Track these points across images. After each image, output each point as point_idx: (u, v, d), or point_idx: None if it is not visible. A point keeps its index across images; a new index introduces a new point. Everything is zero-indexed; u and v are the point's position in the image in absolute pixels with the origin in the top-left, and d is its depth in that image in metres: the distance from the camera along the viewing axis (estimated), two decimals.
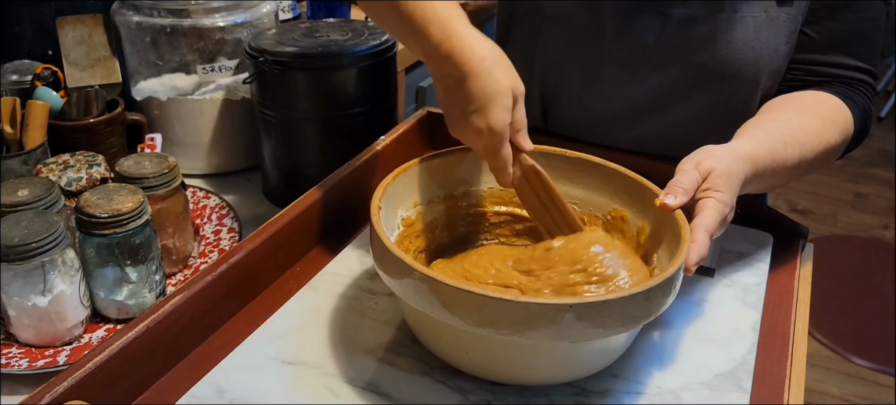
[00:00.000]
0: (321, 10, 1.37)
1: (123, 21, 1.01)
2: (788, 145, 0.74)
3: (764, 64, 0.84)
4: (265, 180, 1.02)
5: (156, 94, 1.02)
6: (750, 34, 0.83)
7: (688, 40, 0.85)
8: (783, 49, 0.84)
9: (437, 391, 0.61)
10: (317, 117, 0.93)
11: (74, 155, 0.84)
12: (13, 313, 0.70)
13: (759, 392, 0.63)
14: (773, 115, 0.80)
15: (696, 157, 0.68)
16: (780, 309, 0.73)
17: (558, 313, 0.53)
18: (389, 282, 0.60)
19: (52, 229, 0.68)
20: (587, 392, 0.62)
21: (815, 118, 0.79)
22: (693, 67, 0.86)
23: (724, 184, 0.65)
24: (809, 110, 0.80)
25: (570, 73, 0.92)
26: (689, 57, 0.85)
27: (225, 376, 0.62)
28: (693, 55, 0.85)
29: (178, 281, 0.83)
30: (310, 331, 0.67)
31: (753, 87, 0.85)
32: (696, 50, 0.85)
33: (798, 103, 0.82)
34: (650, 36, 0.86)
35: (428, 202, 0.74)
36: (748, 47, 0.83)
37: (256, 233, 0.73)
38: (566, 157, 0.75)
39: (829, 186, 3.09)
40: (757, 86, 0.85)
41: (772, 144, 0.73)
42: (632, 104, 0.91)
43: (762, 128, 0.76)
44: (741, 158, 0.69)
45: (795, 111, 0.80)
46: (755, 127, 0.77)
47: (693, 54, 0.85)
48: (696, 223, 0.63)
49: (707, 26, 0.83)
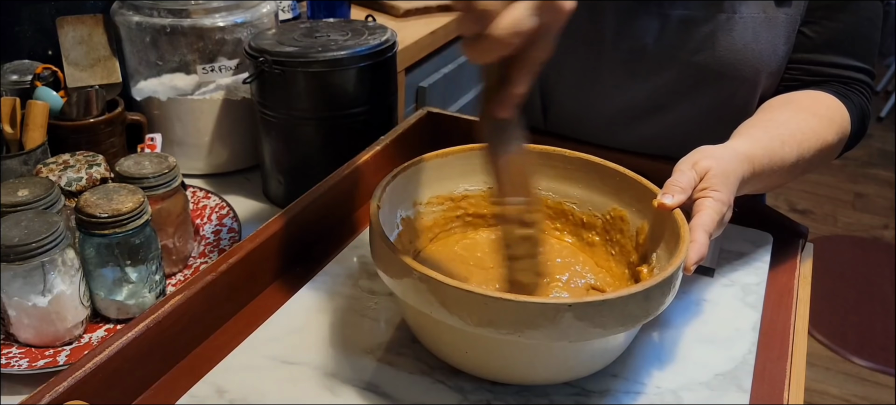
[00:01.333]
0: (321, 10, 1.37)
1: (123, 21, 1.01)
2: (786, 144, 0.74)
3: (763, 64, 0.84)
4: (265, 180, 1.02)
5: (156, 94, 1.02)
6: (749, 35, 0.83)
7: (687, 41, 0.85)
8: (782, 49, 0.84)
9: (437, 391, 0.61)
10: (317, 117, 0.93)
11: (74, 155, 0.84)
12: (13, 313, 0.70)
13: (759, 392, 0.63)
14: (771, 115, 0.80)
15: (694, 157, 0.68)
16: (779, 309, 0.73)
17: (558, 313, 0.53)
18: (389, 281, 0.60)
19: (52, 229, 0.68)
20: (587, 392, 0.62)
21: (813, 117, 0.79)
22: (692, 68, 0.86)
23: (721, 183, 0.65)
24: (807, 109, 0.81)
25: (569, 73, 0.93)
26: (689, 58, 0.85)
27: (225, 376, 0.62)
28: (692, 56, 0.85)
29: (178, 281, 0.83)
30: (310, 331, 0.67)
31: (753, 87, 0.86)
32: (696, 51, 0.85)
33: (795, 103, 0.82)
34: (649, 37, 0.86)
35: (427, 202, 0.74)
36: (747, 48, 0.83)
37: (256, 233, 0.73)
38: (565, 157, 0.75)
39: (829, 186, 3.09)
40: (756, 86, 0.86)
41: (769, 144, 0.73)
42: (631, 105, 0.91)
43: (760, 127, 0.77)
44: (738, 158, 0.69)
45: (793, 110, 0.80)
46: (753, 126, 0.77)
47: (692, 55, 0.85)
48: (695, 223, 0.63)
49: (706, 27, 0.84)
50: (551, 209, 0.77)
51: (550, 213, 0.77)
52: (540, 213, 0.62)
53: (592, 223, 0.75)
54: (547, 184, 0.76)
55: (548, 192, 0.77)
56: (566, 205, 0.76)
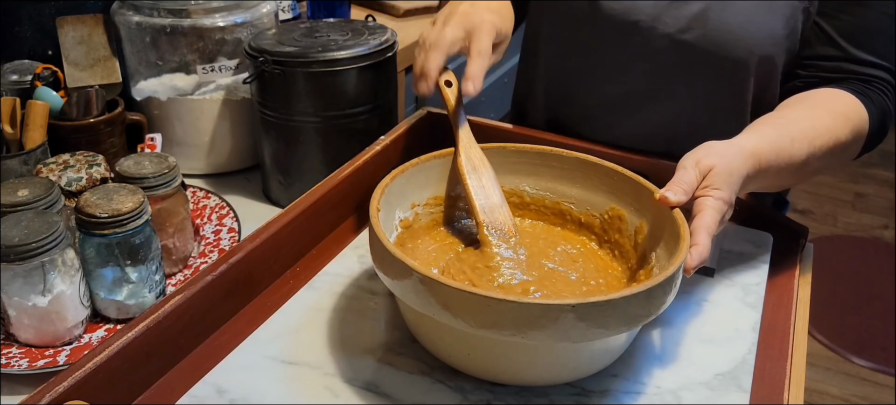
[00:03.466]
0: (321, 10, 1.37)
1: (123, 21, 1.01)
2: (796, 141, 0.73)
3: (756, 46, 0.84)
4: (265, 180, 1.02)
5: (156, 94, 1.02)
6: (743, 15, 0.83)
7: (678, 19, 0.85)
8: (780, 33, 0.84)
9: (437, 391, 0.61)
10: (317, 117, 0.93)
11: (74, 155, 0.84)
12: (13, 313, 0.70)
13: (759, 392, 0.63)
14: (784, 112, 0.79)
15: (697, 155, 0.67)
16: (779, 309, 0.73)
17: (560, 313, 0.53)
18: (389, 283, 0.60)
19: (52, 229, 0.68)
20: (587, 392, 0.62)
21: (827, 114, 0.78)
22: (684, 48, 0.86)
23: (723, 182, 0.65)
24: (821, 106, 0.80)
25: (572, 61, 0.94)
26: (680, 36, 0.86)
27: (225, 376, 0.62)
28: (683, 34, 0.86)
29: (178, 281, 0.83)
30: (309, 331, 0.67)
31: (745, 71, 0.85)
32: (686, 29, 0.85)
33: (810, 100, 0.81)
34: (642, 13, 0.87)
35: (426, 203, 0.74)
36: (741, 28, 0.83)
37: (256, 233, 0.73)
38: (562, 157, 0.75)
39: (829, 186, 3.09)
40: (749, 69, 0.85)
41: (777, 140, 0.72)
42: (630, 89, 0.92)
43: (770, 124, 0.76)
44: (743, 155, 0.68)
45: (807, 108, 0.80)
46: (763, 123, 0.76)
47: (683, 33, 0.86)
48: (697, 225, 0.62)
49: (697, 4, 0.84)
50: (549, 209, 0.77)
51: (548, 214, 0.77)
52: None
53: (591, 223, 0.75)
54: (545, 184, 0.76)
55: (545, 193, 0.77)
56: (564, 205, 0.76)
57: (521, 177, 0.77)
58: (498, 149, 0.76)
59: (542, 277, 0.68)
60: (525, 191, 0.77)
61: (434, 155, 0.74)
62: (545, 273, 0.69)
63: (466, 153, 0.74)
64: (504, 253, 0.69)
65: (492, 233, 0.70)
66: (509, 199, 0.75)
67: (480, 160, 0.74)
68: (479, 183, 0.72)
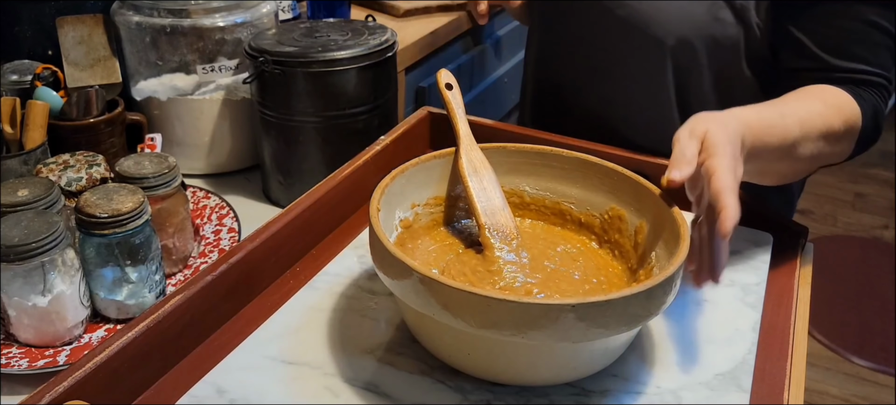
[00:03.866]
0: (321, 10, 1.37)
1: (123, 21, 1.01)
2: (787, 117, 0.74)
3: (673, 25, 0.87)
4: (265, 180, 1.02)
5: (156, 94, 1.02)
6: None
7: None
8: (700, 17, 0.86)
9: (437, 391, 0.61)
10: (317, 117, 0.93)
11: (74, 155, 0.84)
12: (13, 313, 0.70)
13: (759, 392, 0.63)
14: (774, 100, 0.80)
15: (689, 125, 0.66)
16: (779, 309, 0.73)
17: (560, 313, 0.53)
18: (389, 283, 0.60)
19: (52, 229, 0.68)
20: (587, 392, 0.62)
21: (819, 103, 0.79)
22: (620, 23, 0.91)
23: (723, 140, 0.63)
24: (812, 95, 0.81)
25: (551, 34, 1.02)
26: (616, 11, 0.91)
27: (225, 376, 0.62)
28: (618, 10, 0.91)
29: (178, 281, 0.83)
30: (309, 331, 0.67)
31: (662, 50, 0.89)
32: (620, 4, 0.91)
33: (802, 92, 0.82)
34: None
35: (426, 203, 0.74)
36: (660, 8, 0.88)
37: (256, 233, 0.73)
38: (563, 157, 0.75)
39: (829, 186, 3.09)
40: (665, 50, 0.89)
41: (769, 116, 0.73)
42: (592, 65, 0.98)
43: (759, 105, 0.77)
44: (735, 118, 0.68)
45: (797, 96, 0.81)
46: (752, 105, 0.76)
47: (618, 9, 0.91)
48: (716, 189, 0.60)
49: None
50: (549, 209, 0.77)
51: (548, 214, 0.77)
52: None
53: (591, 223, 0.75)
54: (545, 184, 0.76)
55: (545, 193, 0.77)
56: (564, 206, 0.76)
57: (521, 177, 0.77)
58: (498, 149, 0.76)
59: (546, 279, 0.68)
60: (525, 191, 0.77)
61: (434, 155, 0.74)
62: (548, 275, 0.69)
63: (467, 155, 0.74)
64: (506, 256, 0.69)
65: (493, 236, 0.70)
66: (509, 199, 0.75)
67: (481, 162, 0.74)
68: (481, 185, 0.72)
